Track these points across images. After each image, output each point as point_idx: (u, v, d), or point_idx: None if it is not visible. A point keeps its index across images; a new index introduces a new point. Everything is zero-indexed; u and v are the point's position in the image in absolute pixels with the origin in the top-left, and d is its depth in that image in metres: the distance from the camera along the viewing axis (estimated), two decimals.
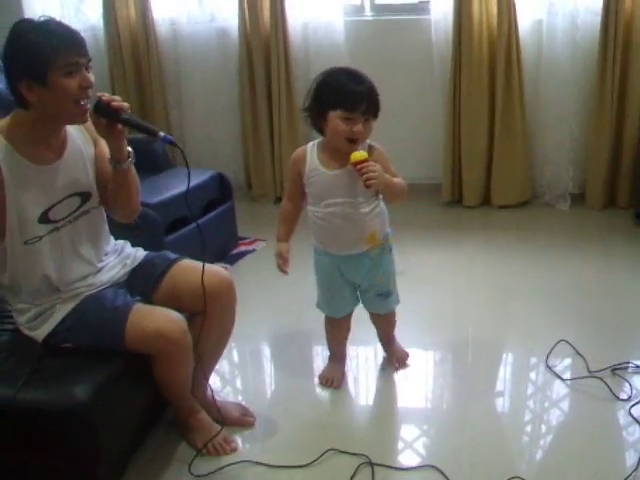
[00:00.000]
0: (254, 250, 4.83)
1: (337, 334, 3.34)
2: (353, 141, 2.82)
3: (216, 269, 2.91)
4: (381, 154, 2.95)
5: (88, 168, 2.68)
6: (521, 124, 5.18)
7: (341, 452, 2.80)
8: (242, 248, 4.84)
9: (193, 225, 4.23)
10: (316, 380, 3.32)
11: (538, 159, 5.40)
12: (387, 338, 3.42)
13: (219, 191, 4.68)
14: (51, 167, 2.57)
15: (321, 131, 2.93)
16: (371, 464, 2.72)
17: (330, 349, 3.39)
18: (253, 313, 3.87)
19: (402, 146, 5.14)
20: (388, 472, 2.70)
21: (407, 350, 3.45)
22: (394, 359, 3.41)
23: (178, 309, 2.69)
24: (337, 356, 3.38)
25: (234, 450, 2.86)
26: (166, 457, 2.85)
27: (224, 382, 3.43)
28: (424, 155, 5.49)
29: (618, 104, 5.03)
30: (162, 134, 2.50)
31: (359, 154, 2.78)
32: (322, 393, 3.27)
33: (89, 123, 2.58)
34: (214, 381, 3.29)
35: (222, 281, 2.86)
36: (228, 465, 2.78)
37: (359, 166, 2.76)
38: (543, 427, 3.00)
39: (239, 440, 2.92)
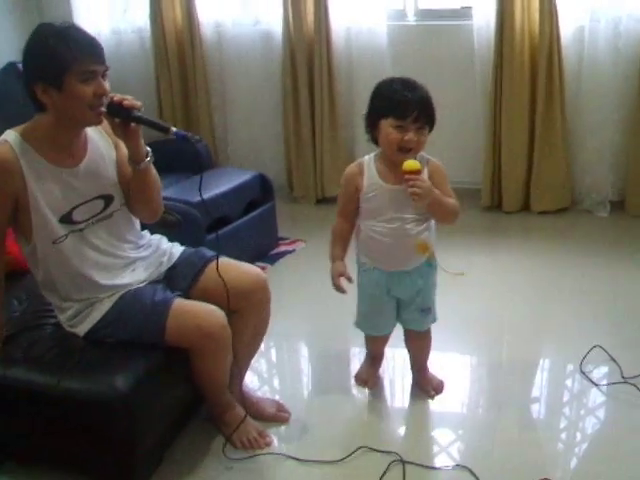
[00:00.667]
0: (294, 250, 4.88)
1: (377, 346, 3.30)
2: (405, 150, 2.75)
3: (250, 268, 2.96)
4: (437, 169, 2.90)
5: (110, 171, 2.74)
6: (561, 130, 5.17)
7: (373, 450, 2.83)
8: (282, 248, 4.89)
9: (234, 224, 4.31)
10: (352, 380, 3.36)
11: (578, 166, 5.38)
12: (421, 362, 3.27)
13: (260, 192, 4.74)
14: (72, 171, 2.63)
15: (376, 141, 2.86)
16: (402, 462, 2.76)
17: (368, 350, 3.34)
18: (291, 312, 3.92)
19: (443, 150, 5.12)
20: (419, 470, 2.73)
21: (441, 377, 3.29)
22: (429, 387, 3.22)
23: (216, 305, 2.74)
24: (374, 358, 3.34)
25: (268, 444, 2.91)
26: (201, 450, 2.91)
27: (261, 379, 3.48)
28: (465, 159, 5.49)
29: None
30: (174, 130, 2.54)
31: (412, 163, 2.72)
32: (357, 392, 3.31)
33: (109, 127, 2.64)
34: (250, 378, 3.35)
35: (256, 280, 2.91)
36: (261, 455, 2.85)
37: (407, 176, 2.70)
38: (575, 432, 3.01)
39: (274, 435, 2.97)
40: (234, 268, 2.87)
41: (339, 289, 2.94)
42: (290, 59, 5.55)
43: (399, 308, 3.08)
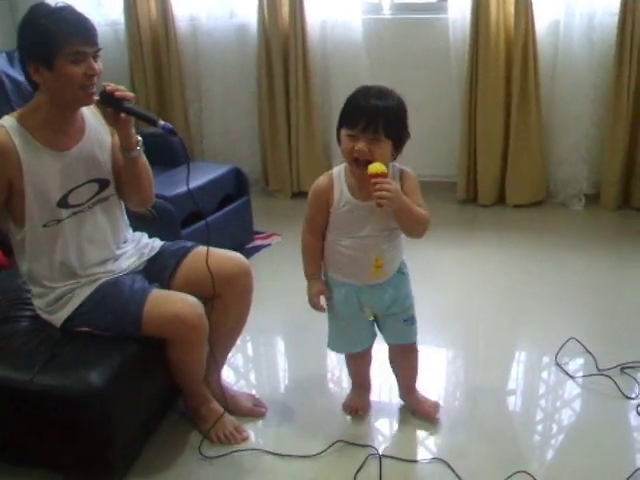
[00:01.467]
0: (270, 244, 4.87)
1: (360, 367, 3.09)
2: (357, 161, 2.54)
3: (234, 254, 2.98)
4: (409, 178, 2.71)
5: (106, 156, 2.76)
6: (537, 124, 5.20)
7: (350, 444, 2.84)
8: (258, 242, 4.88)
9: (209, 219, 4.29)
10: (328, 374, 3.36)
11: (553, 159, 5.41)
12: (409, 383, 3.08)
13: (235, 186, 4.72)
14: (69, 153, 2.64)
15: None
16: (379, 456, 2.76)
17: (352, 377, 3.14)
18: (268, 306, 3.91)
19: (418, 144, 5.13)
20: (396, 464, 2.74)
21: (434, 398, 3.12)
22: (424, 408, 3.03)
23: (195, 296, 2.74)
24: (361, 386, 3.13)
25: (245, 439, 2.90)
26: (178, 444, 2.90)
27: (237, 374, 3.47)
28: (440, 153, 5.52)
29: (634, 105, 5.04)
30: (162, 123, 2.57)
31: (377, 166, 2.49)
32: (334, 386, 3.33)
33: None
34: (227, 373, 3.34)
35: (239, 266, 2.93)
36: (238, 451, 2.84)
37: (373, 180, 2.47)
38: (551, 424, 3.03)
39: (250, 430, 2.97)
40: (217, 254, 2.87)
41: (318, 308, 2.83)
42: (265, 52, 5.53)
43: (378, 324, 2.92)
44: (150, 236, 3.06)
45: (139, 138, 2.70)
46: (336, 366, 3.43)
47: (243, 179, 4.76)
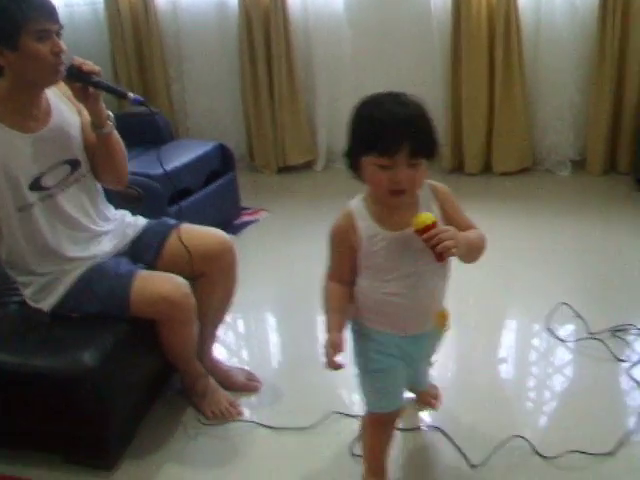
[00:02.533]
0: (257, 220, 4.87)
1: (383, 438, 2.47)
2: (398, 193, 2.07)
3: (215, 231, 2.97)
4: (446, 196, 2.23)
5: (74, 137, 2.73)
6: (521, 91, 5.19)
7: (345, 415, 2.85)
8: (245, 218, 4.87)
9: (196, 196, 4.29)
10: (321, 348, 3.36)
11: (538, 126, 5.42)
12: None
13: (221, 162, 4.71)
14: (37, 135, 2.61)
15: (361, 179, 2.17)
16: None
17: (369, 464, 2.50)
18: (257, 281, 3.92)
19: None
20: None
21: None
22: (426, 399, 2.88)
23: (181, 274, 2.74)
24: (377, 473, 2.50)
25: (240, 414, 2.91)
26: (173, 421, 2.91)
27: (230, 350, 3.47)
28: None
29: (618, 70, 5.04)
30: (132, 95, 2.59)
31: (423, 217, 2.03)
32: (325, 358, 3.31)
33: (70, 93, 2.65)
34: (220, 349, 3.34)
35: (222, 243, 2.92)
36: (233, 426, 2.86)
37: (426, 236, 2.01)
38: (543, 388, 3.04)
39: (245, 404, 2.98)
40: (199, 233, 2.88)
41: (333, 365, 2.20)
42: (246, 27, 5.51)
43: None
44: (132, 214, 3.05)
45: (110, 114, 2.68)
46: None
47: (229, 155, 4.75)
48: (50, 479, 2.63)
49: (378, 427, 2.46)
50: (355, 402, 2.95)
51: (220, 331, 3.19)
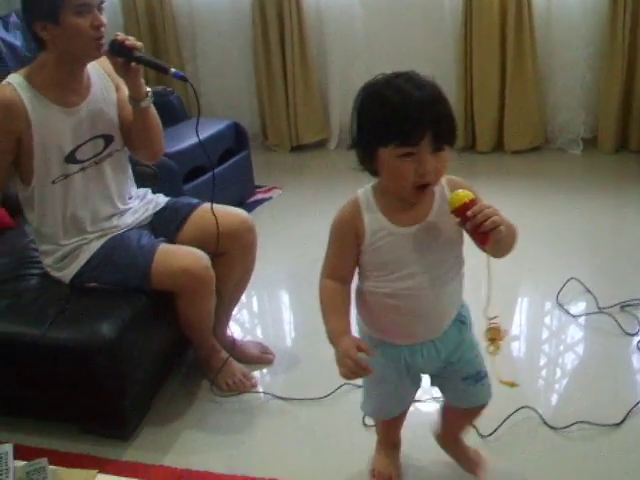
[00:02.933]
0: (271, 198, 4.91)
1: (394, 426, 2.44)
2: (423, 187, 1.86)
3: (237, 211, 3.01)
4: (465, 185, 2.01)
5: (111, 112, 2.79)
6: (532, 69, 5.19)
7: (357, 386, 2.88)
8: (259, 196, 4.91)
9: (210, 173, 4.32)
10: None
11: (550, 104, 5.42)
12: (456, 433, 2.44)
13: (235, 140, 4.75)
14: (75, 109, 2.68)
15: (374, 172, 1.95)
16: None
17: (381, 436, 2.50)
18: (272, 258, 3.96)
19: None
20: None
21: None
22: (474, 467, 2.42)
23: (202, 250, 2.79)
24: (390, 444, 2.50)
25: (254, 386, 2.97)
26: (189, 393, 2.98)
27: (244, 325, 3.53)
28: None
29: (630, 47, 5.02)
30: (173, 70, 2.63)
31: (460, 195, 1.83)
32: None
33: (111, 69, 2.70)
34: (235, 323, 3.40)
35: (243, 222, 2.97)
36: (247, 397, 2.93)
37: (470, 212, 1.79)
38: (553, 361, 3.09)
39: (259, 376, 3.04)
40: (221, 211, 2.91)
41: (357, 369, 1.90)
42: (259, 7, 5.52)
43: (436, 382, 2.28)
44: (153, 192, 3.10)
45: (148, 89, 2.73)
46: None
47: (243, 133, 4.79)
48: (68, 450, 2.68)
49: (385, 425, 2.44)
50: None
51: (235, 308, 3.25)
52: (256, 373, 3.05)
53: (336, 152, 5.73)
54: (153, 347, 2.84)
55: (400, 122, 1.77)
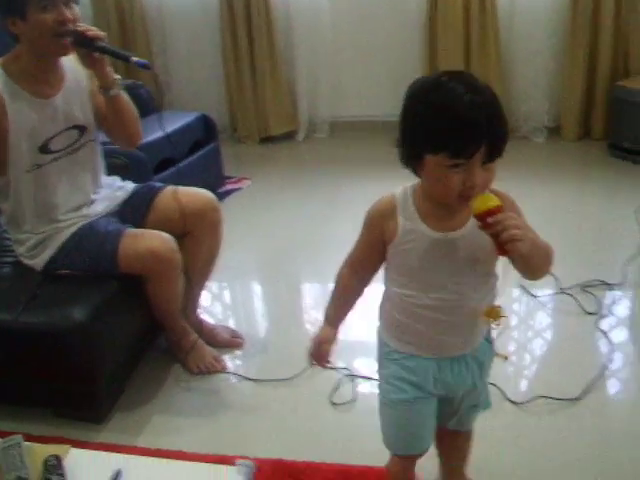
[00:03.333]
0: (240, 188, 4.96)
1: (408, 465, 2.09)
2: (468, 197, 1.69)
3: (201, 191, 3.08)
4: (511, 203, 1.89)
5: (84, 103, 2.83)
6: (496, 60, 5.30)
7: (323, 369, 2.95)
8: (229, 187, 4.97)
9: (180, 165, 4.38)
10: (303, 306, 3.49)
11: (514, 94, 5.51)
12: (457, 469, 2.29)
13: (204, 132, 4.80)
14: (50, 100, 2.72)
15: (417, 173, 1.78)
16: (353, 376, 2.92)
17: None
18: (241, 246, 4.02)
19: (378, 83, 5.28)
20: (369, 383, 2.88)
21: None
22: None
23: (168, 232, 2.84)
24: None
25: (224, 368, 3.03)
26: (160, 377, 3.03)
27: (215, 311, 3.59)
28: (401, 93, 5.56)
29: (591, 37, 5.13)
30: (135, 59, 2.65)
31: (487, 199, 1.68)
32: (307, 316, 3.48)
33: None
34: (206, 309, 3.46)
35: (207, 202, 3.04)
36: (217, 380, 2.99)
37: (491, 219, 1.63)
38: (514, 339, 3.16)
39: (228, 359, 3.10)
40: (186, 192, 2.99)
41: (322, 359, 2.07)
42: (227, 1, 5.58)
43: (444, 408, 2.04)
44: (124, 180, 3.15)
45: (117, 77, 2.77)
46: (307, 302, 3.62)
47: (211, 125, 4.84)
48: (42, 433, 2.69)
49: (402, 462, 2.08)
50: (336, 355, 3.06)
51: (206, 292, 3.32)
52: (226, 357, 3.11)
53: (304, 143, 5.80)
54: (125, 331, 2.89)
55: (456, 134, 1.60)
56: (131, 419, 2.81)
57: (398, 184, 1.86)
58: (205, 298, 3.36)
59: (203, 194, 3.06)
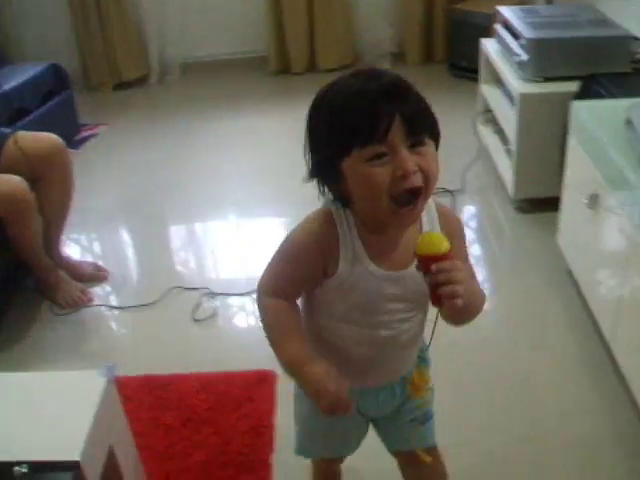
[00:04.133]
0: (97, 134, 5.03)
1: (331, 463, 2.05)
2: (407, 196, 1.37)
3: (45, 135, 3.17)
4: (456, 224, 1.62)
5: None
6: None
7: (185, 289, 3.17)
8: (85, 133, 5.02)
9: (33, 115, 4.43)
10: (166, 236, 3.65)
11: (358, 23, 5.74)
12: None
13: (56, 82, 4.80)
14: None
15: (345, 200, 1.48)
16: (212, 294, 3.12)
17: (317, 470, 2.10)
18: (102, 189, 4.16)
19: (226, 21, 5.40)
20: (228, 299, 3.09)
21: None
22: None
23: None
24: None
25: (91, 300, 3.19)
26: (30, 316, 3.15)
27: (79, 248, 3.71)
28: (248, 28, 5.68)
29: None
30: None
31: (435, 239, 1.39)
32: (168, 244, 3.72)
33: None
34: (70, 248, 3.58)
35: (52, 145, 3.14)
36: (85, 311, 3.15)
37: (435, 267, 1.36)
38: None
39: (95, 292, 3.25)
40: (31, 137, 3.08)
41: (347, 406, 1.46)
42: None
43: (380, 426, 1.86)
44: None
45: None
46: (166, 235, 3.80)
47: (62, 74, 4.84)
48: None
49: (326, 473, 2.05)
50: (195, 278, 3.27)
51: (69, 233, 3.45)
52: (93, 290, 3.26)
53: (158, 87, 5.87)
54: None
55: (359, 116, 1.35)
56: (4, 360, 2.89)
57: (250, 120, 1.96)
58: (69, 238, 3.50)
59: (47, 138, 3.15)
